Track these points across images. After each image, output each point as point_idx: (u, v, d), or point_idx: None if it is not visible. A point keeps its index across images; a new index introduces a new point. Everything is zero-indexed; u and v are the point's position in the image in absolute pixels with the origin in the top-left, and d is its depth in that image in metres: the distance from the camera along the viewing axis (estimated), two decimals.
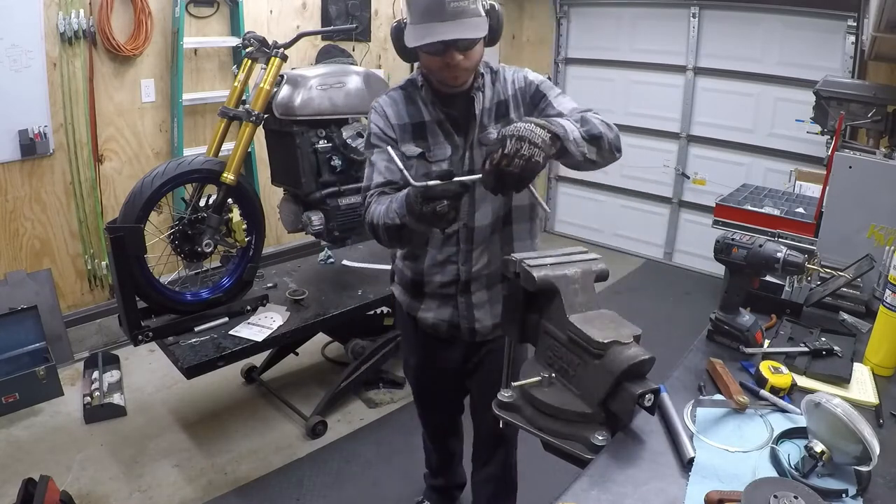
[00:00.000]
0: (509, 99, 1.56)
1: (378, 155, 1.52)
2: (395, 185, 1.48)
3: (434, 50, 1.36)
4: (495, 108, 1.55)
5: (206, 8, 3.43)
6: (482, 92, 1.53)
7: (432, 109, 1.53)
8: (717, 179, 4.50)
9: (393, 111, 1.54)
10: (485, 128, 1.53)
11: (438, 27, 1.32)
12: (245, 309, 2.57)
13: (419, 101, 1.54)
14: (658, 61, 4.69)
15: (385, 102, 1.56)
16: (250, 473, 2.42)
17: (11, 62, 2.74)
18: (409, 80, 1.57)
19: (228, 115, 2.45)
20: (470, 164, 1.52)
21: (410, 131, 1.53)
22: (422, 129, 1.53)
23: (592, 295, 1.13)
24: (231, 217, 2.46)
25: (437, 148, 1.53)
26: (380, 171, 1.51)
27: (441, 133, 1.53)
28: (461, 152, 1.53)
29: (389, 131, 1.53)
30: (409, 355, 1.88)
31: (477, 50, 1.42)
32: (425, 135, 1.53)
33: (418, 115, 1.53)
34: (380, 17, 4.39)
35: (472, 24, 1.34)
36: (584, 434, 1.02)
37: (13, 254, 2.97)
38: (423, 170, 1.51)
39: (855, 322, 1.55)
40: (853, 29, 3.72)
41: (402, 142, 1.52)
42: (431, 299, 1.66)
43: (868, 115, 2.99)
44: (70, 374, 2.98)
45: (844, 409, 0.93)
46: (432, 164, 1.52)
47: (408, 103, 1.54)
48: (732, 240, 1.38)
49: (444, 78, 1.44)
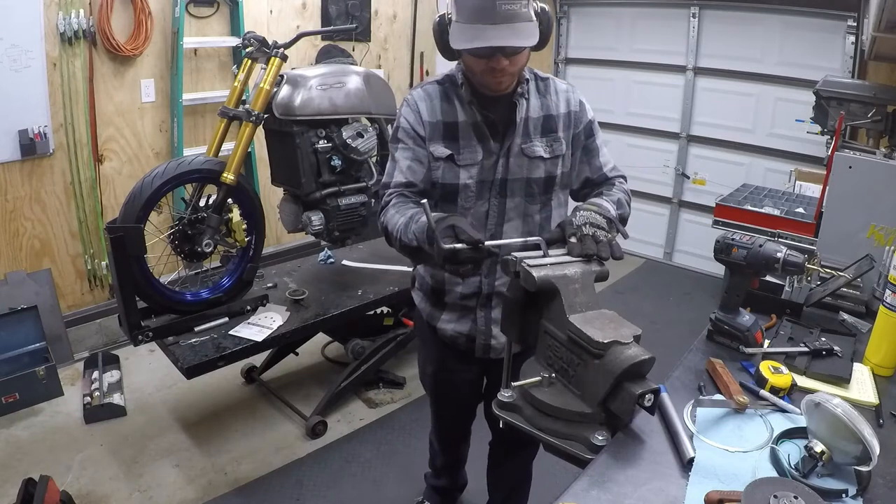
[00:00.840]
0: (560, 117, 1.51)
1: (402, 152, 1.47)
2: (416, 187, 1.45)
3: (481, 52, 1.30)
4: (543, 120, 1.49)
5: (206, 8, 3.43)
6: (526, 99, 1.47)
7: (469, 110, 1.46)
8: (717, 179, 4.50)
9: (426, 107, 1.47)
10: (529, 137, 1.47)
11: (489, 30, 1.25)
12: (245, 309, 2.57)
13: (455, 99, 1.47)
14: (658, 61, 4.69)
15: (419, 97, 1.49)
16: (250, 473, 2.42)
17: (11, 62, 2.74)
18: (448, 76, 1.51)
19: (228, 115, 2.44)
20: (503, 172, 1.47)
21: (441, 130, 1.46)
22: (454, 130, 1.46)
23: (592, 295, 1.13)
24: (231, 217, 2.46)
25: (467, 151, 1.46)
26: (402, 171, 1.46)
27: (475, 136, 1.46)
28: (494, 158, 1.47)
29: (419, 128, 1.46)
30: (426, 363, 1.83)
31: (523, 55, 1.36)
32: (457, 136, 1.46)
33: (453, 113, 1.47)
34: (380, 17, 4.39)
35: (524, 30, 1.27)
36: (584, 434, 1.02)
37: (13, 254, 2.97)
38: (450, 173, 1.46)
39: (855, 322, 1.55)
40: (853, 29, 3.72)
41: (431, 140, 1.46)
42: (452, 310, 1.62)
43: (868, 115, 2.99)
44: (70, 374, 2.98)
45: (844, 409, 0.93)
46: (461, 167, 1.46)
47: (443, 100, 1.47)
48: (732, 240, 1.38)
49: (487, 82, 1.39)
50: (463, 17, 1.29)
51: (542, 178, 1.50)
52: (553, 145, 1.50)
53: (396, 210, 1.39)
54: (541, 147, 1.48)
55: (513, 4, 1.24)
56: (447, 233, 1.14)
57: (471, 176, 1.47)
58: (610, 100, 4.99)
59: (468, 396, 1.83)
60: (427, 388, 1.93)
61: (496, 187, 1.49)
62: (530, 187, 1.50)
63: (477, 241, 1.13)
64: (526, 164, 1.48)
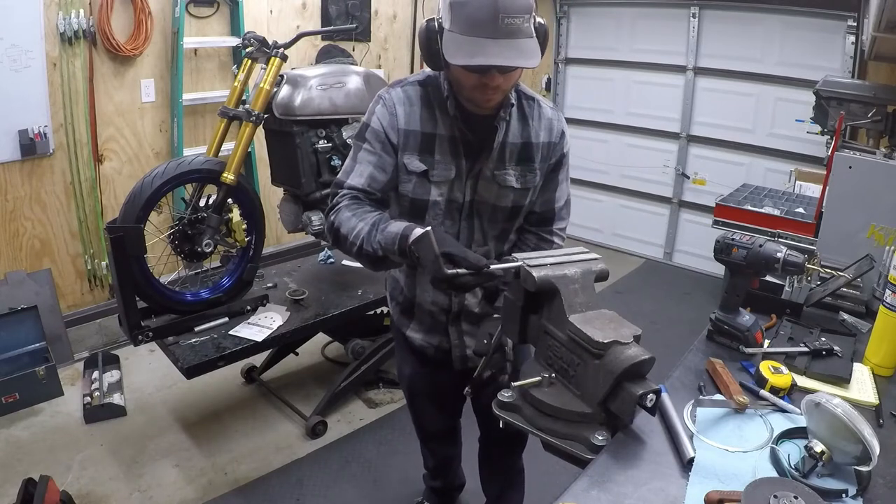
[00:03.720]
0: (539, 146, 1.41)
1: (366, 154, 1.36)
2: (373, 196, 1.35)
3: (475, 68, 1.20)
4: (520, 148, 1.40)
5: (206, 8, 3.43)
6: (507, 122, 1.37)
7: (450, 123, 1.35)
8: (717, 179, 4.50)
9: (404, 112, 1.35)
10: (503, 164, 1.38)
11: (489, 46, 1.14)
12: (245, 309, 2.57)
13: (437, 108, 1.35)
14: (658, 61, 4.70)
15: (398, 98, 1.36)
16: (250, 473, 2.42)
17: (11, 62, 2.74)
18: (431, 78, 1.38)
19: (228, 115, 2.44)
20: (471, 194, 1.40)
21: (419, 142, 1.35)
22: (431, 143, 1.35)
23: (592, 295, 1.13)
24: (231, 217, 2.46)
25: (441, 167, 1.36)
26: (362, 175, 1.35)
27: (451, 152, 1.36)
28: (464, 179, 1.38)
29: (392, 134, 1.35)
30: (402, 364, 1.78)
31: (517, 74, 1.27)
32: (433, 150, 1.35)
33: (432, 124, 1.36)
34: (380, 17, 4.39)
35: (525, 48, 1.17)
36: (584, 434, 1.02)
37: (13, 254, 2.97)
38: (421, 189, 1.37)
39: (855, 322, 1.55)
40: (853, 29, 3.72)
41: (404, 150, 1.35)
42: (421, 321, 1.56)
43: (868, 115, 2.99)
44: (70, 374, 2.98)
45: (844, 409, 0.93)
46: (433, 184, 1.37)
47: (424, 106, 1.36)
48: (732, 240, 1.38)
49: (475, 98, 1.28)
50: (459, 27, 1.17)
51: (508, 207, 1.43)
52: (526, 176, 1.41)
53: (353, 213, 1.30)
54: (513, 176, 1.39)
55: (515, 19, 1.15)
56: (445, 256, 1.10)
57: (441, 193, 1.38)
58: (610, 100, 4.99)
59: (447, 397, 1.77)
60: (404, 390, 1.88)
61: (465, 208, 1.42)
62: (496, 214, 1.43)
63: (481, 266, 1.10)
64: (495, 191, 1.40)
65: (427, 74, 1.39)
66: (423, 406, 1.88)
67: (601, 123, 5.08)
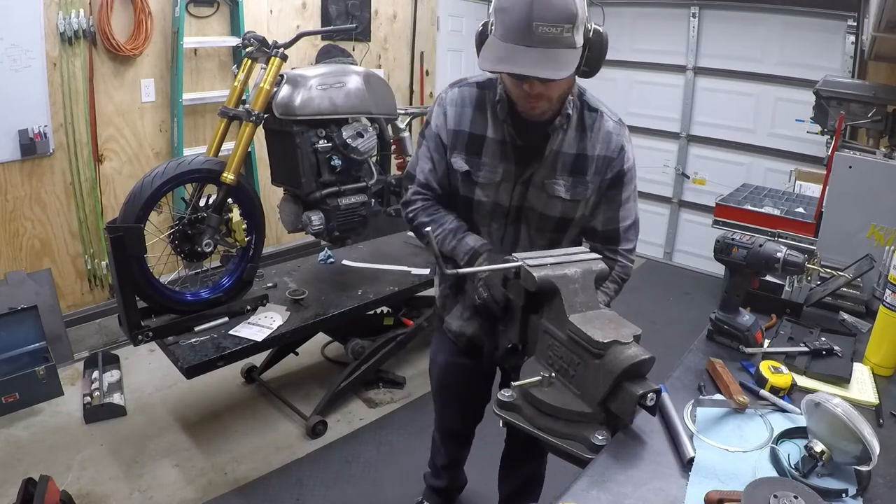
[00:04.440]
0: (595, 158, 1.39)
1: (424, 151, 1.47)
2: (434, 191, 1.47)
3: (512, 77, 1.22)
4: (574, 159, 1.38)
5: (206, 8, 3.43)
6: (563, 131, 1.35)
7: (501, 127, 1.36)
8: (717, 179, 4.50)
9: (454, 112, 1.39)
10: (554, 173, 1.37)
11: (520, 53, 1.12)
12: (245, 309, 2.56)
13: (489, 110, 1.37)
14: (658, 61, 4.70)
15: (452, 99, 1.41)
16: (250, 473, 2.42)
17: (11, 62, 2.74)
18: (491, 81, 1.39)
19: (228, 115, 2.44)
20: (519, 200, 1.41)
21: (465, 142, 1.38)
22: (478, 144, 1.38)
23: (592, 295, 1.13)
24: (231, 217, 2.46)
25: (487, 169, 1.38)
26: (423, 171, 1.47)
27: (500, 155, 1.37)
28: (512, 185, 1.39)
29: (443, 134, 1.41)
30: (437, 352, 1.77)
31: (563, 82, 1.23)
32: (480, 151, 1.38)
33: (482, 126, 1.38)
34: (380, 17, 4.39)
35: (560, 58, 1.13)
36: (584, 434, 1.02)
37: (13, 254, 2.97)
38: (467, 188, 1.42)
39: (855, 322, 1.55)
40: (853, 29, 3.72)
41: (452, 149, 1.40)
42: (464, 308, 1.57)
43: (868, 115, 2.99)
44: (70, 373, 2.98)
45: (844, 409, 0.93)
46: (477, 185, 1.40)
47: (476, 108, 1.38)
48: (732, 240, 1.38)
49: (520, 104, 1.29)
50: (499, 31, 1.17)
51: (556, 217, 1.43)
52: (577, 188, 1.39)
53: (428, 216, 1.44)
54: (563, 187, 1.38)
55: (552, 28, 1.11)
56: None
57: (486, 195, 1.42)
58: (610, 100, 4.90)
59: (475, 395, 1.79)
60: (434, 380, 1.85)
61: (512, 213, 1.44)
62: (543, 223, 1.44)
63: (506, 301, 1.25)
64: (543, 199, 1.40)
65: (489, 77, 1.40)
66: (450, 400, 1.86)
67: None
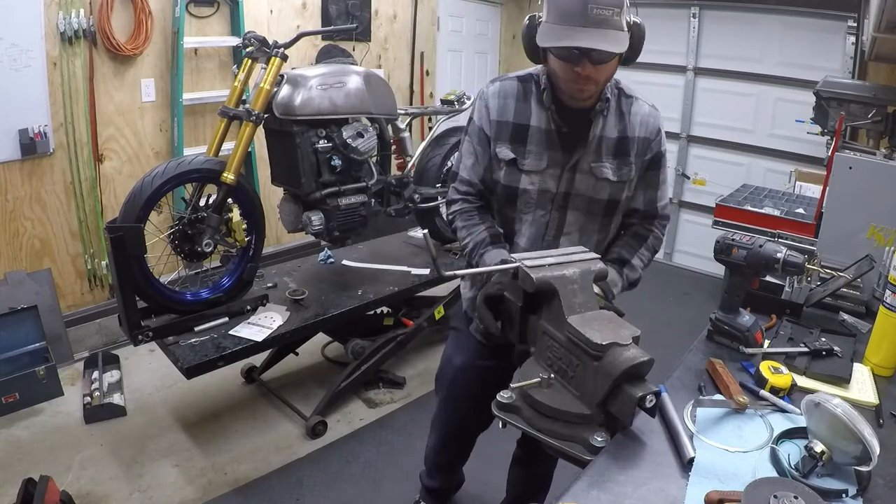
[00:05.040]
0: (635, 140, 1.46)
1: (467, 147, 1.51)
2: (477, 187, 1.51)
3: (566, 55, 1.27)
4: (616, 142, 1.44)
5: (206, 8, 3.43)
6: (604, 117, 1.42)
7: (545, 115, 1.42)
8: (717, 179, 4.50)
9: (497, 104, 1.44)
10: (599, 157, 1.43)
11: (577, 32, 1.21)
12: (245, 309, 2.56)
13: (533, 100, 1.43)
14: (658, 61, 4.69)
15: (493, 92, 1.46)
16: (250, 473, 2.42)
17: (11, 62, 2.74)
18: (531, 75, 1.46)
19: (228, 115, 2.44)
20: (567, 186, 1.45)
21: (510, 131, 1.44)
22: (523, 133, 1.43)
23: (591, 296, 1.13)
24: (231, 217, 2.46)
25: (532, 157, 1.43)
26: (466, 167, 1.51)
27: (545, 143, 1.43)
28: (559, 170, 1.44)
29: (486, 127, 1.46)
30: (454, 354, 1.72)
31: (610, 66, 1.31)
32: (525, 139, 1.43)
33: (526, 115, 1.43)
34: (380, 17, 4.39)
35: (614, 37, 1.22)
36: (583, 435, 1.02)
37: (13, 254, 2.97)
38: (511, 177, 1.45)
39: (855, 322, 1.55)
40: (853, 29, 3.72)
41: (496, 140, 1.44)
42: None
43: (868, 116, 2.99)
44: (70, 374, 2.98)
45: (844, 409, 0.93)
46: (523, 172, 1.44)
47: (519, 99, 1.44)
48: (732, 240, 1.38)
49: (569, 89, 1.34)
50: (552, 17, 1.26)
51: (605, 199, 1.47)
52: (622, 169, 1.46)
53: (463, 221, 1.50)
54: (610, 169, 1.44)
55: (604, 10, 1.20)
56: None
57: (532, 182, 1.45)
58: None
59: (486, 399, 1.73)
60: (446, 382, 1.77)
61: (558, 199, 1.47)
62: (592, 206, 1.48)
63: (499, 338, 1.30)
64: (592, 184, 1.45)
65: (528, 72, 1.47)
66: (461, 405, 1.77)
67: None
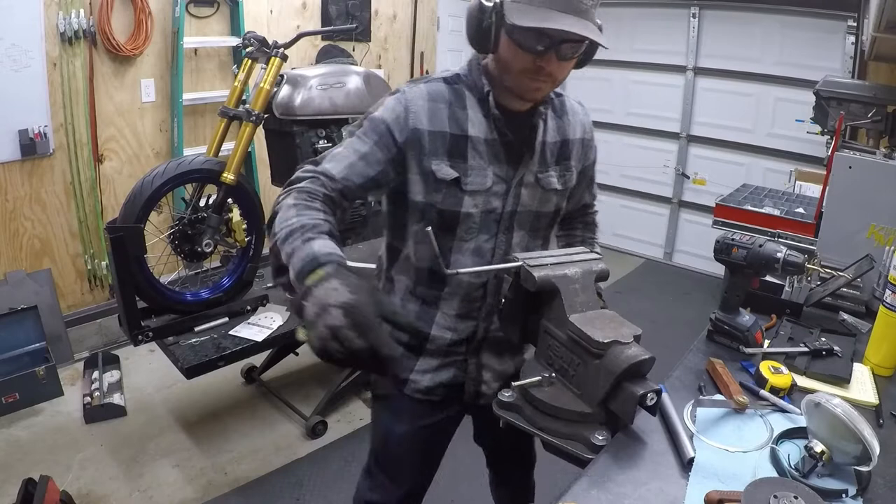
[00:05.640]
0: (576, 143, 1.32)
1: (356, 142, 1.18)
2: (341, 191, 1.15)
3: (532, 46, 1.08)
4: (559, 146, 1.29)
5: (206, 8, 3.43)
6: (544, 120, 1.26)
7: (487, 124, 1.20)
8: (717, 179, 4.50)
9: (427, 111, 1.18)
10: (546, 165, 1.26)
11: (561, 17, 1.05)
12: (245, 309, 2.57)
13: (468, 108, 1.20)
14: (658, 61, 4.70)
15: (419, 94, 1.19)
16: (250, 473, 2.42)
17: (11, 62, 2.74)
18: (459, 76, 1.23)
19: (228, 115, 2.45)
20: (514, 204, 1.25)
21: (447, 144, 1.18)
22: (462, 146, 1.19)
23: (593, 295, 1.13)
24: (231, 217, 2.46)
25: (476, 174, 1.20)
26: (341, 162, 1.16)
27: (489, 156, 1.21)
28: (505, 186, 1.23)
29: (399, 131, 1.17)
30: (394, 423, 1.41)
31: (569, 65, 1.16)
32: (465, 154, 1.19)
33: (463, 125, 1.19)
34: (380, 17, 4.39)
35: (594, 31, 1.09)
36: (584, 434, 1.02)
37: (13, 254, 2.97)
38: (453, 200, 1.19)
39: (855, 322, 1.55)
40: (853, 29, 3.72)
41: (432, 156, 1.18)
42: (432, 357, 1.34)
43: (868, 116, 2.99)
44: (70, 374, 2.98)
45: (844, 409, 0.93)
46: (466, 194, 1.20)
47: (452, 106, 1.20)
48: (732, 240, 1.38)
49: (522, 84, 1.15)
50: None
51: (551, 212, 1.32)
52: (565, 175, 1.31)
53: (300, 200, 1.07)
54: (555, 177, 1.29)
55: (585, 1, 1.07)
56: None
57: (476, 204, 1.22)
58: (609, 100, 4.99)
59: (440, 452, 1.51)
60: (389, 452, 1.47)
61: (504, 220, 1.26)
62: (538, 222, 1.31)
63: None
64: (539, 196, 1.28)
65: (452, 73, 1.25)
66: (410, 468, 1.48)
67: (601, 123, 5.08)
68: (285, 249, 0.99)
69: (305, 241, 0.98)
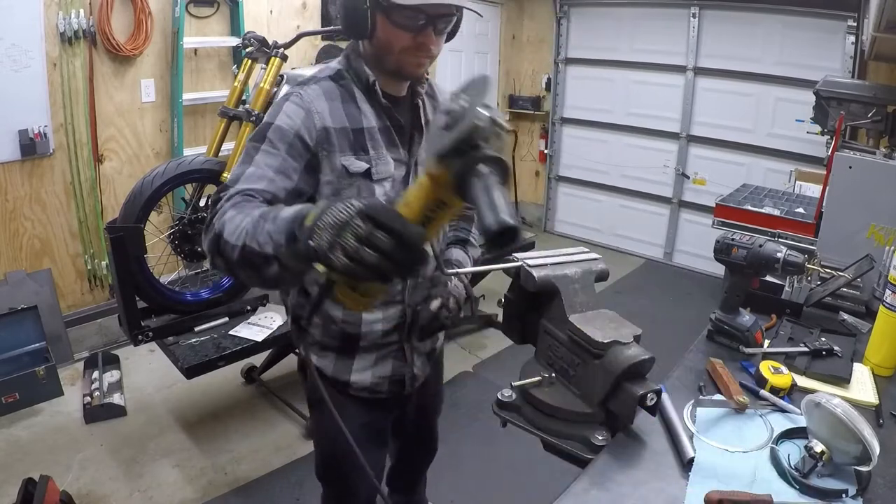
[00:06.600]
0: None
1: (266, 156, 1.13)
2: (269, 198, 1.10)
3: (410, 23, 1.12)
4: None
5: (206, 8, 3.43)
6: (422, 101, 1.31)
7: (377, 112, 1.24)
8: (717, 179, 4.50)
9: (326, 108, 1.19)
10: None
11: None
12: (245, 309, 2.57)
13: (357, 100, 1.23)
14: (658, 61, 4.70)
15: (316, 94, 1.20)
16: (250, 473, 2.42)
17: (11, 62, 2.74)
18: (339, 72, 1.25)
19: (228, 115, 2.45)
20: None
21: (351, 140, 1.20)
22: (361, 140, 1.22)
23: (592, 295, 1.13)
24: None
25: (379, 162, 1.23)
26: (258, 179, 1.10)
27: (385, 143, 1.24)
28: (405, 170, 1.27)
29: (308, 135, 1.16)
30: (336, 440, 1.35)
31: (441, 40, 1.20)
32: (365, 146, 1.22)
33: (358, 119, 1.22)
34: None
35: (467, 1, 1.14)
36: (584, 434, 1.02)
37: (13, 254, 2.97)
38: (367, 192, 1.21)
39: (855, 322, 1.55)
40: (853, 29, 3.72)
41: (340, 152, 1.19)
42: (367, 353, 1.34)
43: (868, 116, 3.00)
44: (70, 374, 2.98)
45: (844, 409, 0.93)
46: (375, 182, 1.22)
47: (345, 101, 1.22)
48: (732, 240, 1.38)
49: (405, 64, 1.18)
50: None
51: None
52: None
53: (239, 211, 1.01)
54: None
55: None
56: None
57: (385, 192, 1.24)
58: (610, 100, 4.99)
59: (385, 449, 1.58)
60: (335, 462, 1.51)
61: None
62: None
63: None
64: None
65: (335, 69, 1.26)
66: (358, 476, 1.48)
67: (601, 123, 5.09)
68: (258, 240, 0.91)
69: (275, 217, 0.91)
